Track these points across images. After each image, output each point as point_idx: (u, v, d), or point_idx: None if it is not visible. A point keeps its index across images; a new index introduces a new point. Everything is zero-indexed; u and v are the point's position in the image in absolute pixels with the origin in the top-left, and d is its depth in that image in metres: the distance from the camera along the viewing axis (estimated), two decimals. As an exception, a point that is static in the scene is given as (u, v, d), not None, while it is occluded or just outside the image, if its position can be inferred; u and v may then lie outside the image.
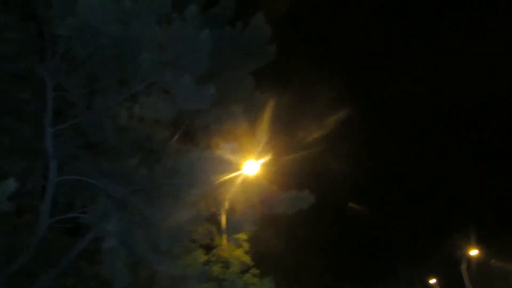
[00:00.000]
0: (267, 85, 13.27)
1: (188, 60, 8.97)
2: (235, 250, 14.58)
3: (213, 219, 14.38)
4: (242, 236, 14.86)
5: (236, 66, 11.66)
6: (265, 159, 14.83)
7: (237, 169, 13.81)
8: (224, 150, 9.02)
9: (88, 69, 9.31)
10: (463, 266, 26.91)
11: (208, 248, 14.51)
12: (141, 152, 10.09)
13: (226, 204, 14.34)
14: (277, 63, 12.63)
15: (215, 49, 10.80)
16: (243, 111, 11.27)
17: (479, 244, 26.53)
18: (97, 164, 9.58)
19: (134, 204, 9.52)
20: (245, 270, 14.49)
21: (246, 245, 14.88)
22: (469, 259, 27.19)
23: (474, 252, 26.78)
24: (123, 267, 9.02)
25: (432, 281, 31.54)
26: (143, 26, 8.51)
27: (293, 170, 15.40)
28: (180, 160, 9.27)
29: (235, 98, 11.56)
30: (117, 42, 8.69)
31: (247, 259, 14.52)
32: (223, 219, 14.29)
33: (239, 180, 14.18)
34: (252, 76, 12.16)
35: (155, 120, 9.93)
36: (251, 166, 14.89)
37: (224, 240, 14.76)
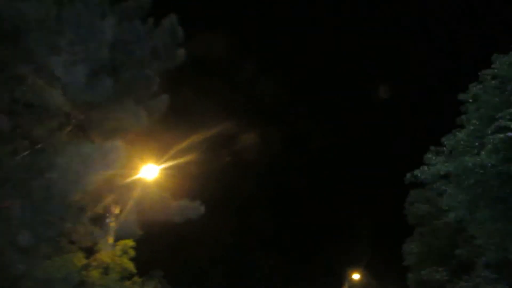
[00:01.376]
0: (173, 88, 12.92)
1: (84, 48, 8.34)
2: (119, 256, 13.72)
3: (100, 221, 13.45)
4: (129, 242, 14.04)
5: (142, 64, 11.14)
6: (164, 164, 14.33)
7: (129, 170, 13.19)
8: (109, 149, 8.36)
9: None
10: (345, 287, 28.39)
11: (91, 251, 13.50)
12: (21, 140, 9.07)
13: (116, 208, 13.55)
14: (187, 67, 12.38)
15: (121, 42, 10.26)
16: (143, 111, 10.72)
17: (361, 268, 28.28)
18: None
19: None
20: (127, 278, 13.69)
21: (132, 252, 14.08)
22: (351, 281, 28.79)
23: (356, 276, 28.49)
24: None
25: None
26: (37, 5, 7.73)
27: (192, 175, 15.02)
28: (59, 154, 8.46)
29: (137, 96, 11.02)
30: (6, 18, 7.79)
31: (130, 266, 13.71)
32: (112, 223, 13.44)
33: (133, 184, 13.51)
34: (158, 77, 11.73)
35: (44, 107, 9.01)
36: (149, 170, 14.29)
37: (110, 245, 13.85)
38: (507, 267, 11.61)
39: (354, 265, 28.36)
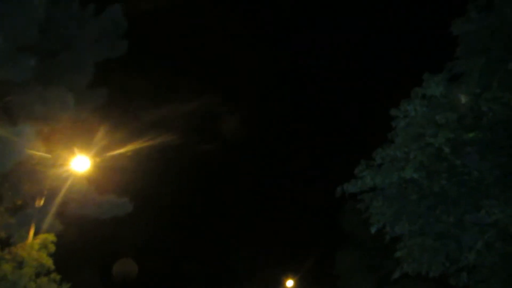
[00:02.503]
0: (111, 79, 12.30)
1: (10, 24, 7.62)
2: (37, 251, 12.76)
3: (19, 212, 12.45)
4: (50, 236, 13.11)
5: (80, 51, 10.48)
6: (97, 156, 13.59)
7: (56, 160, 12.36)
8: (19, 132, 7.65)
9: None
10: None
11: (6, 244, 12.45)
12: None
13: (39, 199, 12.62)
14: (127, 59, 11.81)
15: (56, 24, 9.57)
16: (72, 98, 10.03)
17: (295, 276, 28.45)
18: None
19: None
20: (44, 274, 12.75)
21: (52, 247, 13.15)
22: (285, 288, 28.93)
23: (290, 283, 28.62)
24: None
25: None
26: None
27: (125, 170, 14.30)
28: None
29: (71, 83, 10.32)
30: None
31: (49, 262, 12.79)
32: (32, 215, 12.48)
33: (61, 175, 12.67)
34: (96, 65, 11.09)
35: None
36: (80, 162, 13.49)
37: (28, 238, 12.87)
38: (424, 280, 11.97)
39: (289, 272, 28.49)
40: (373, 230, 9.13)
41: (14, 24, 7.66)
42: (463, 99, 8.66)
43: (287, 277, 28.48)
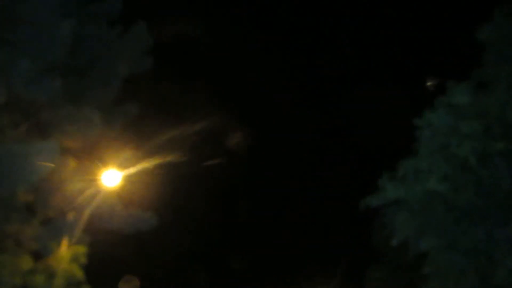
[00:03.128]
0: (139, 95, 12.60)
1: (38, 45, 7.98)
2: (68, 262, 13.08)
3: (51, 225, 12.85)
4: (80, 248, 13.42)
5: (106, 69, 10.83)
6: (126, 171, 13.86)
7: (87, 175, 12.71)
8: (42, 148, 7.90)
9: None
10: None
11: (38, 255, 12.84)
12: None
13: (69, 213, 13.00)
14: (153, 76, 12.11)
15: (84, 45, 9.94)
16: (99, 116, 10.34)
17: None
18: None
19: None
20: (74, 285, 13.02)
21: (83, 259, 13.44)
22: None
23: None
24: None
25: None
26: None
27: (155, 185, 14.52)
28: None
29: (97, 100, 10.66)
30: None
31: (79, 273, 13.07)
32: (63, 228, 12.85)
33: (91, 189, 13.01)
34: (122, 82, 11.42)
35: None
36: (111, 177, 13.81)
37: (61, 249, 13.24)
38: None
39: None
40: (394, 243, 8.75)
41: (42, 45, 8.01)
42: (490, 107, 8.27)
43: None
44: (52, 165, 7.94)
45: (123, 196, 12.85)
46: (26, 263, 12.45)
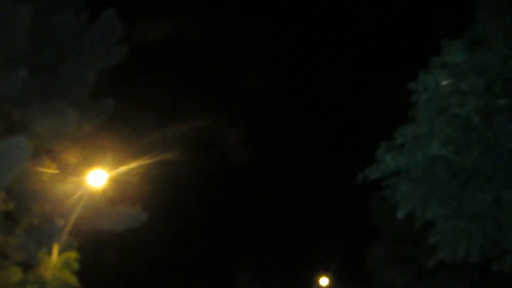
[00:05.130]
0: (115, 88, 11.77)
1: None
2: (60, 270, 12.30)
3: (37, 232, 12.01)
4: (72, 254, 12.65)
5: (77, 61, 9.95)
6: (111, 170, 13.08)
7: (71, 177, 11.89)
8: (11, 146, 7.08)
9: None
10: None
11: (27, 265, 12.03)
12: None
13: (56, 217, 12.17)
14: (128, 66, 11.25)
15: (50, 36, 9.06)
16: (75, 113, 9.49)
17: (328, 273, 27.34)
18: None
19: None
20: (68, 292, 12.27)
21: (75, 265, 12.68)
22: (320, 287, 27.81)
23: (324, 281, 27.52)
24: None
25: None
26: None
27: (141, 184, 13.75)
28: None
29: (71, 96, 9.80)
30: None
31: (73, 280, 12.32)
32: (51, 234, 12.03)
33: (77, 191, 12.18)
34: (97, 76, 10.55)
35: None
36: (96, 177, 13.02)
37: (50, 257, 12.44)
38: (463, 267, 10.86)
39: (321, 270, 27.39)
40: (400, 215, 8.12)
41: (1, 35, 7.14)
42: (489, 64, 7.62)
43: (320, 276, 27.38)
44: (24, 163, 7.09)
45: (109, 195, 12.08)
46: (15, 274, 11.65)
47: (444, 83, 7.61)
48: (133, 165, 13.32)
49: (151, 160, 13.57)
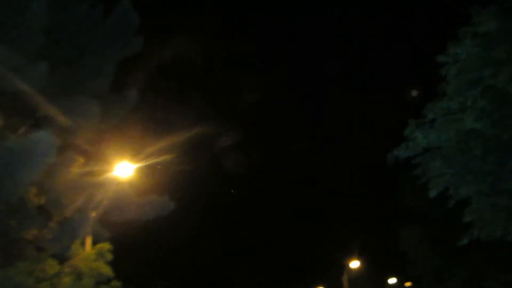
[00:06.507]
0: (136, 79, 11.71)
1: (13, 31, 7.09)
2: (95, 261, 12.54)
3: (70, 225, 12.25)
4: (106, 245, 12.88)
5: (94, 54, 9.90)
6: (140, 162, 13.23)
7: (98, 169, 12.02)
8: (36, 140, 7.09)
9: None
10: (345, 277, 27.12)
11: (62, 257, 12.31)
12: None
13: (88, 209, 12.37)
14: (146, 56, 11.16)
15: (66, 30, 9.02)
16: (97, 106, 9.46)
17: (359, 256, 27.01)
18: None
19: None
20: (103, 283, 12.51)
21: (109, 255, 12.90)
22: (350, 270, 27.51)
23: (354, 264, 27.19)
24: None
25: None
26: None
27: (169, 175, 13.82)
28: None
29: (91, 89, 9.79)
30: None
31: (107, 270, 12.54)
32: (83, 226, 12.24)
33: (106, 183, 12.33)
34: (117, 67, 10.50)
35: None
36: (123, 169, 13.19)
37: (84, 249, 12.72)
38: (499, 246, 10.37)
39: (352, 253, 27.07)
40: (432, 194, 7.76)
41: (17, 31, 7.12)
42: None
43: (351, 259, 27.05)
44: (51, 157, 7.12)
45: (137, 186, 12.19)
46: (51, 267, 11.93)
47: (475, 53, 7.13)
48: (158, 156, 13.40)
49: (174, 149, 13.59)
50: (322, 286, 31.27)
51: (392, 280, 28.45)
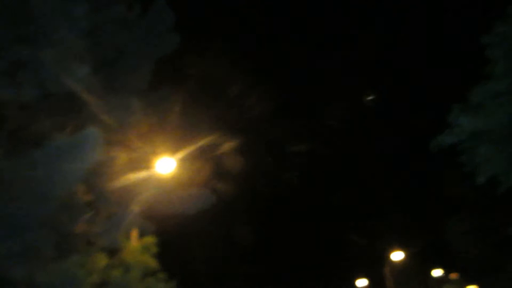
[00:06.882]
0: (171, 77, 11.96)
1: (54, 34, 7.40)
2: (141, 254, 12.99)
3: (116, 220, 12.73)
4: (150, 239, 13.31)
5: (134, 54, 10.18)
6: (180, 157, 13.57)
7: (141, 166, 12.40)
8: (83, 138, 7.37)
9: None
10: (387, 269, 26.59)
11: (110, 251, 12.83)
12: (5, 141, 8.31)
13: (132, 204, 12.80)
14: (182, 54, 11.34)
15: (105, 31, 9.32)
16: (137, 104, 9.76)
17: (401, 248, 26.35)
18: None
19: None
20: (150, 275, 12.93)
21: (154, 248, 13.32)
22: (392, 262, 26.92)
23: (397, 256, 26.56)
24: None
25: (361, 283, 31.17)
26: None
27: (209, 170, 14.04)
28: (42, 149, 7.59)
29: (131, 87, 10.08)
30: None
31: (153, 263, 12.97)
32: (129, 221, 12.69)
33: (148, 179, 12.72)
34: (155, 66, 10.75)
35: (22, 104, 8.21)
36: (164, 164, 13.58)
37: (131, 242, 13.21)
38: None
39: (394, 244, 26.46)
40: (481, 181, 7.41)
41: (60, 35, 7.43)
42: None
43: (393, 250, 26.45)
44: (99, 154, 7.42)
45: (178, 181, 12.49)
46: (101, 260, 12.45)
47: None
48: (198, 150, 13.68)
49: (214, 143, 13.80)
50: (364, 278, 30.88)
51: (436, 272, 27.62)
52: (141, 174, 12.39)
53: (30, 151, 7.84)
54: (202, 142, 13.86)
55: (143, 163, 12.72)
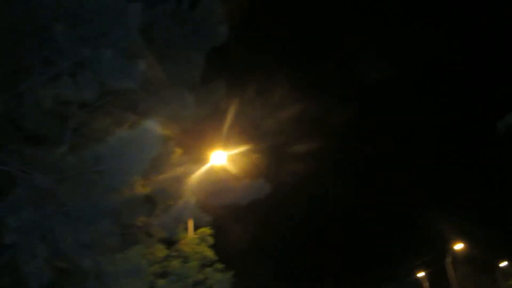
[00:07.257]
0: (221, 71, 12.00)
1: (108, 35, 7.65)
2: (198, 245, 13.34)
3: (174, 212, 13.10)
4: (207, 230, 13.63)
5: (185, 47, 10.30)
6: (229, 147, 13.77)
7: (196, 159, 12.66)
8: (143, 130, 7.54)
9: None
10: (448, 260, 25.37)
11: (169, 241, 13.26)
12: (69, 138, 8.73)
13: (189, 197, 13.11)
14: (231, 47, 11.33)
15: (159, 27, 9.52)
16: (191, 97, 9.90)
17: (464, 238, 25.02)
18: (19, 151, 8.24)
19: (59, 194, 8.16)
20: (207, 265, 13.27)
21: (210, 240, 13.64)
22: (454, 253, 25.63)
23: (459, 246, 25.25)
24: (42, 263, 7.67)
25: (420, 274, 30.11)
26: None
27: (261, 162, 14.06)
28: (104, 144, 7.89)
29: (184, 81, 10.23)
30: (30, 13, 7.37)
31: (210, 253, 13.29)
32: (186, 213, 13.02)
33: (203, 171, 12.97)
34: (205, 59, 10.83)
35: (83, 102, 8.58)
36: (218, 157, 13.86)
37: (187, 234, 13.60)
38: None
39: (456, 234, 25.16)
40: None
41: (115, 34, 7.65)
42: None
43: (455, 241, 25.15)
44: (158, 147, 7.61)
45: (231, 173, 12.64)
46: (161, 251, 12.88)
47: None
48: (250, 143, 13.75)
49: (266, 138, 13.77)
50: (422, 271, 29.78)
51: (504, 264, 26.02)
52: (196, 167, 12.64)
53: (93, 146, 8.18)
54: (254, 135, 13.88)
55: (197, 156, 12.99)
